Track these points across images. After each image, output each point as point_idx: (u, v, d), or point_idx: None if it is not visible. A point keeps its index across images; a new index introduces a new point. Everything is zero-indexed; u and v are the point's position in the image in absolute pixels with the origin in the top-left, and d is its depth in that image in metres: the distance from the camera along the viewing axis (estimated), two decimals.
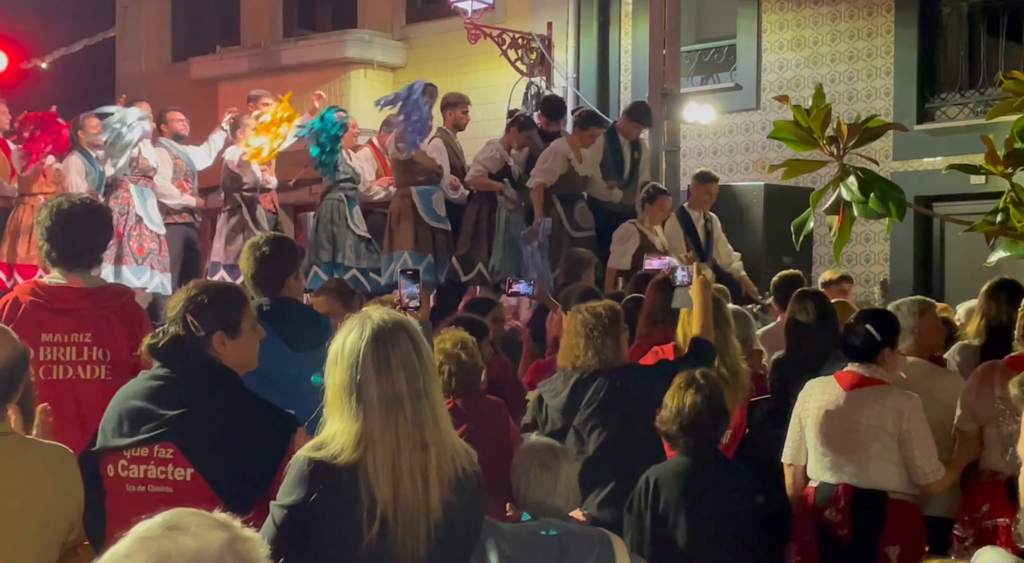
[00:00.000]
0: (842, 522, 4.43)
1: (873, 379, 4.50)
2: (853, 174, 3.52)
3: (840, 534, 4.43)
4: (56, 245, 4.24)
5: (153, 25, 16.16)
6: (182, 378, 3.09)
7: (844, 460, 4.49)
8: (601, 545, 3.35)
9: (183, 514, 1.49)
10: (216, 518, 1.51)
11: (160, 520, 1.47)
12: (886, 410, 4.42)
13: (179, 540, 1.43)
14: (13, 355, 2.93)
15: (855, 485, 4.45)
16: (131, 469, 3.04)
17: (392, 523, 2.59)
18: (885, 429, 4.41)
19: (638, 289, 6.33)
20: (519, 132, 9.22)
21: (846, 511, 4.43)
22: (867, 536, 4.41)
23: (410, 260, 8.88)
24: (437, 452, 2.66)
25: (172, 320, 3.14)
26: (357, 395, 2.63)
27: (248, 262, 4.28)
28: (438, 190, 9.11)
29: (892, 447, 4.41)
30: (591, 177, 9.14)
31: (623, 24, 12.45)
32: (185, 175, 9.79)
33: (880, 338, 4.52)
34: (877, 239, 10.75)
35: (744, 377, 4.97)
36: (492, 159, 9.05)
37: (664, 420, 4.22)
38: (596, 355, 4.65)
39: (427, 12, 13.80)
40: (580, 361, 4.68)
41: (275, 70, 13.77)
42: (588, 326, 4.68)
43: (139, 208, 9.05)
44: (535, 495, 3.74)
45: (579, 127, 9.14)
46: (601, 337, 4.65)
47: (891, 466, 4.43)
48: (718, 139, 11.84)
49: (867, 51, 11.10)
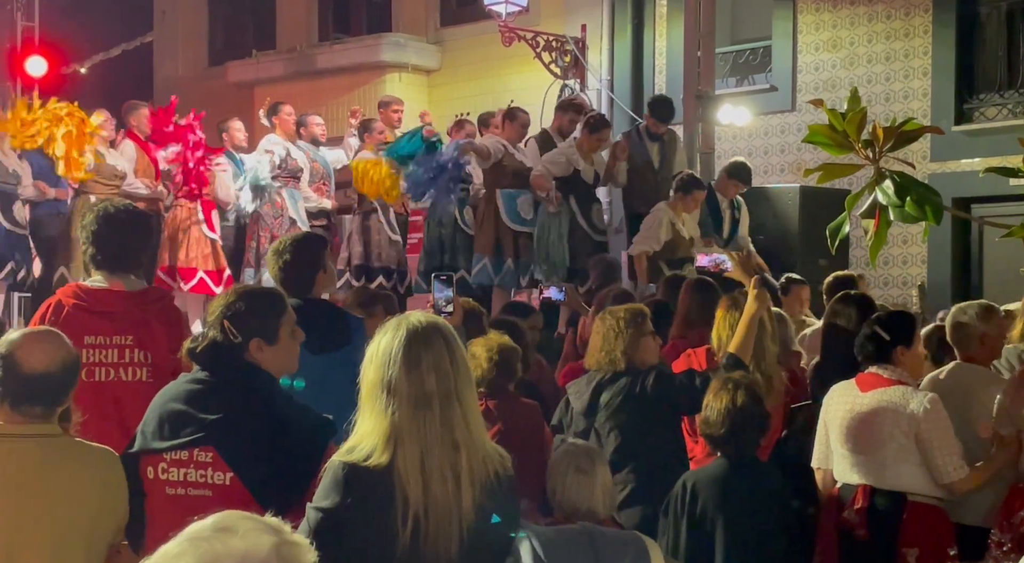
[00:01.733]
0: (860, 523, 4.41)
1: (890, 380, 4.48)
2: (889, 177, 3.50)
3: (858, 534, 4.41)
4: (99, 249, 4.30)
5: (190, 30, 16.30)
6: (221, 382, 3.11)
7: (863, 461, 4.47)
8: (636, 548, 3.34)
9: (234, 516, 1.50)
10: (266, 522, 1.52)
11: (211, 522, 1.49)
12: (901, 410, 4.39)
13: (228, 542, 1.44)
14: (66, 360, 2.98)
15: (873, 486, 4.43)
16: (171, 472, 3.07)
17: (424, 523, 2.60)
18: (901, 430, 4.38)
19: (670, 290, 6.33)
20: (590, 134, 8.91)
21: (863, 512, 4.41)
22: (884, 537, 4.38)
23: (490, 265, 8.89)
24: (468, 453, 2.67)
25: (211, 325, 3.17)
26: (387, 393, 2.66)
27: (274, 265, 4.33)
28: (525, 193, 8.99)
29: (909, 448, 4.38)
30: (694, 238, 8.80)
31: (657, 26, 12.42)
32: (322, 178, 9.96)
33: (890, 338, 4.50)
34: (914, 241, 10.66)
35: (778, 382, 4.95)
36: (556, 163, 8.89)
37: (705, 423, 4.22)
38: (619, 357, 4.70)
39: (461, 15, 13.83)
40: (603, 363, 4.74)
41: (311, 74, 13.87)
42: (612, 328, 4.73)
43: (292, 211, 9.20)
44: (571, 499, 3.75)
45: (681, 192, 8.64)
46: (624, 339, 4.69)
47: (909, 467, 4.40)
48: (753, 141, 11.79)
49: (904, 52, 11.02)
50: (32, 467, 2.87)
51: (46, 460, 2.89)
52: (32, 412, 2.91)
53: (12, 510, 2.82)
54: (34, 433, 2.89)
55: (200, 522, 1.49)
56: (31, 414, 2.91)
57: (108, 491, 2.97)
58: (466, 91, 13.03)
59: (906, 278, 10.69)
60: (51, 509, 2.85)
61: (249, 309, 3.15)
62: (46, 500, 2.85)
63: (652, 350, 4.79)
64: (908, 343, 4.55)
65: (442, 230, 9.33)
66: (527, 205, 8.97)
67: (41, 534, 2.84)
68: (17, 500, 2.83)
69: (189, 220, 9.24)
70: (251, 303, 3.17)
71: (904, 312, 4.99)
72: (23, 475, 2.86)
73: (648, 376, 4.65)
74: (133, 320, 4.24)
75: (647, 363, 4.72)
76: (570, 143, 9.05)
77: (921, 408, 4.37)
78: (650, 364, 4.73)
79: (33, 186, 9.14)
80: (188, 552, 1.44)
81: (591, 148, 8.91)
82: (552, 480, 3.82)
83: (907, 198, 3.42)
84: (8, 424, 2.89)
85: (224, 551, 1.43)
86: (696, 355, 5.15)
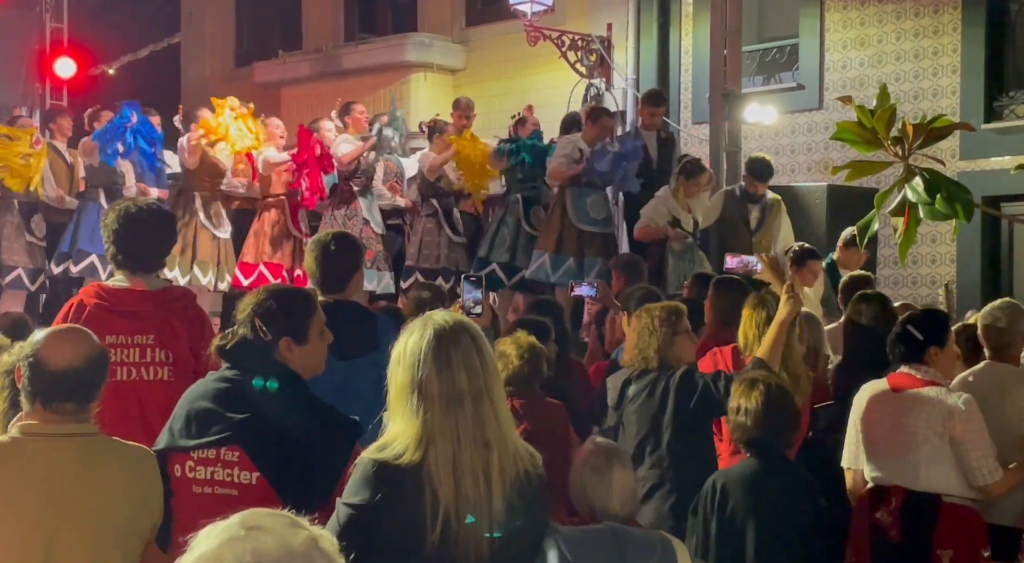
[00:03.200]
0: (893, 524, 4.38)
1: (923, 380, 4.44)
2: (919, 175, 3.47)
3: (891, 536, 4.39)
4: (121, 248, 4.32)
5: (217, 31, 16.38)
6: (248, 382, 3.12)
7: (895, 463, 4.44)
8: (663, 548, 3.32)
9: (258, 514, 1.50)
10: (289, 517, 1.52)
11: (237, 520, 1.48)
12: (935, 411, 4.35)
13: (264, 540, 1.44)
14: (91, 355, 2.98)
15: (906, 487, 4.40)
16: (198, 470, 3.08)
17: (455, 523, 2.59)
18: (935, 431, 4.34)
19: (698, 289, 6.30)
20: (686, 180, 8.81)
21: (897, 513, 4.38)
22: (918, 539, 4.35)
23: (548, 262, 8.87)
24: (499, 451, 2.66)
25: (241, 323, 3.18)
26: (418, 394, 2.65)
27: (312, 259, 4.33)
28: (596, 193, 8.97)
29: (943, 449, 4.34)
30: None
31: (683, 24, 12.38)
32: (396, 177, 10.03)
33: (923, 338, 4.46)
34: (943, 240, 10.57)
35: (805, 382, 4.92)
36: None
37: (734, 424, 4.20)
38: (651, 355, 4.71)
39: (486, 15, 13.83)
40: (635, 360, 4.77)
41: (336, 74, 13.90)
42: (647, 326, 4.75)
43: (365, 211, 9.23)
44: (588, 498, 3.73)
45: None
46: (658, 337, 4.71)
47: (944, 469, 4.36)
48: (780, 139, 11.73)
49: (933, 49, 10.93)
50: (69, 466, 2.89)
51: (83, 459, 2.91)
52: (64, 409, 2.92)
53: (50, 509, 2.84)
54: (70, 432, 2.91)
55: (224, 522, 1.48)
56: (63, 411, 2.92)
57: (144, 490, 2.98)
58: (491, 91, 13.01)
59: (935, 277, 10.60)
60: (88, 508, 2.86)
61: (280, 308, 3.15)
62: (83, 499, 2.87)
63: (687, 349, 4.78)
64: (941, 343, 4.51)
65: (504, 228, 9.32)
66: (598, 204, 8.97)
67: (79, 533, 2.85)
68: (55, 499, 2.85)
69: (278, 219, 9.36)
70: (282, 302, 3.18)
71: (937, 311, 4.95)
72: (60, 474, 2.87)
73: (675, 374, 4.64)
74: (154, 319, 4.26)
75: (682, 361, 4.72)
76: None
77: (956, 410, 4.32)
78: (684, 363, 4.72)
79: (136, 186, 9.25)
80: (228, 553, 1.43)
81: (688, 194, 8.83)
82: (572, 479, 3.82)
83: (937, 196, 3.38)
84: (43, 424, 2.91)
85: (263, 549, 1.42)
86: (722, 354, 5.13)
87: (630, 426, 4.72)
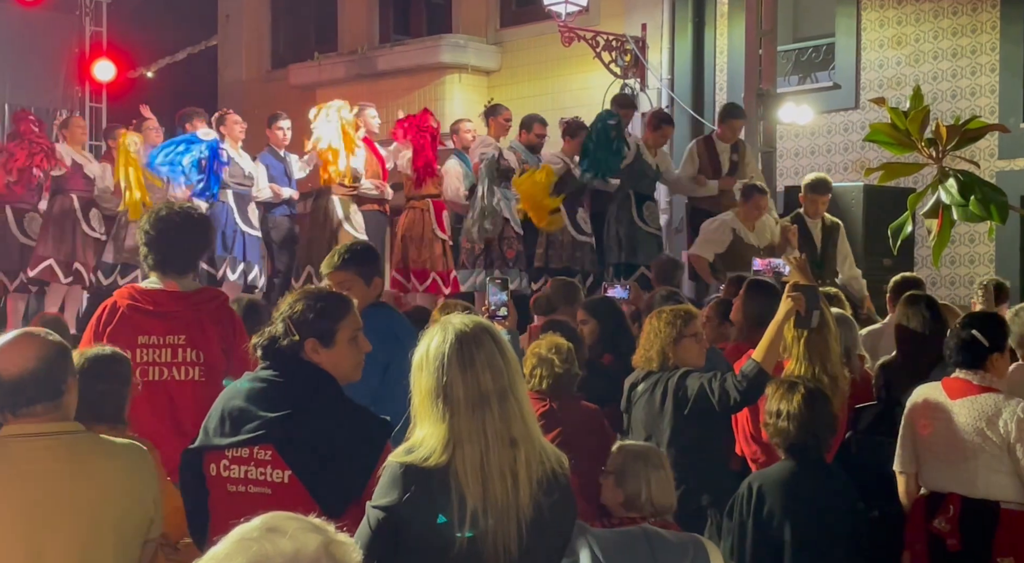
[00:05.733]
0: (952, 532, 4.33)
1: (979, 387, 4.37)
2: (953, 176, 3.45)
3: (950, 544, 4.33)
4: (152, 250, 4.38)
5: (253, 33, 16.49)
6: (284, 381, 3.14)
7: (953, 469, 4.38)
8: (695, 550, 3.33)
9: (280, 517, 1.53)
10: (312, 522, 1.54)
11: (258, 523, 1.51)
12: (995, 418, 4.29)
13: (277, 542, 1.47)
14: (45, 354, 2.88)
15: (964, 495, 4.35)
16: (232, 469, 3.10)
17: (483, 523, 2.61)
18: (994, 438, 4.29)
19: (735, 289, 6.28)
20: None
21: (955, 521, 4.33)
22: (978, 547, 4.30)
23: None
24: (526, 449, 2.68)
25: (274, 321, 3.21)
26: (444, 397, 2.66)
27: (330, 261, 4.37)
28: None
29: (1001, 457, 4.28)
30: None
31: (719, 24, 12.33)
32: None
33: (988, 344, 4.38)
34: (982, 240, 10.47)
35: (843, 383, 4.88)
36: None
37: (774, 428, 4.18)
38: (653, 356, 4.72)
39: (521, 16, 13.84)
40: (640, 361, 4.79)
41: (371, 75, 13.95)
42: (654, 329, 4.76)
43: (506, 211, 9.17)
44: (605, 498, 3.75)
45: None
46: (660, 339, 4.70)
47: (1002, 476, 4.30)
48: (816, 139, 11.66)
49: (971, 48, 10.82)
50: (52, 463, 2.86)
51: (67, 456, 2.88)
52: (34, 412, 2.87)
53: (34, 507, 2.81)
54: (49, 431, 2.87)
55: (248, 523, 1.51)
56: (35, 414, 2.87)
57: (135, 485, 2.96)
58: (526, 92, 13.02)
59: (973, 277, 10.49)
60: (75, 505, 2.84)
61: (309, 309, 3.17)
62: (69, 496, 2.84)
63: (692, 352, 4.73)
64: (1003, 348, 4.45)
65: (620, 227, 9.32)
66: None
67: (66, 530, 2.83)
68: (38, 497, 2.82)
69: (422, 221, 9.34)
70: (312, 303, 3.20)
71: (996, 315, 4.87)
72: (43, 471, 2.83)
73: (673, 376, 4.63)
74: (185, 320, 4.30)
75: (686, 364, 4.68)
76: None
77: (1014, 417, 4.26)
78: (689, 365, 4.68)
79: (268, 188, 9.30)
80: (237, 553, 1.46)
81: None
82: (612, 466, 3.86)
83: (971, 197, 3.36)
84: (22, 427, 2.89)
85: (274, 551, 1.45)
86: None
87: (636, 427, 4.74)
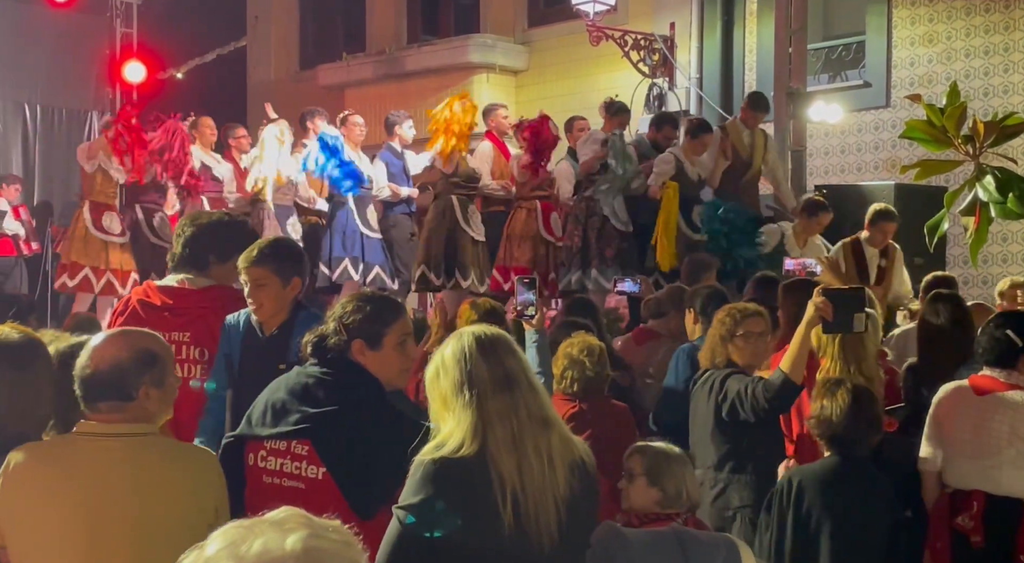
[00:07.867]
0: (975, 529, 4.32)
1: (1007, 384, 4.36)
2: (990, 173, 3.42)
3: (973, 541, 4.33)
4: (177, 250, 4.41)
5: (282, 34, 16.56)
6: (328, 379, 3.16)
7: (976, 466, 4.38)
8: (727, 550, 3.31)
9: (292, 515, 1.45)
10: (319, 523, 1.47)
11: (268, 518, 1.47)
12: (1020, 415, 4.28)
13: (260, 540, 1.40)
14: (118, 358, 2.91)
15: (988, 492, 4.33)
16: (269, 461, 3.12)
17: (523, 499, 2.60)
18: (1019, 435, 4.28)
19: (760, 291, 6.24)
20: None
21: (979, 518, 4.32)
22: (1002, 544, 4.29)
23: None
24: (558, 432, 2.70)
25: (328, 319, 3.24)
26: (468, 383, 2.66)
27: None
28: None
29: None
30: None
31: (747, 23, 12.28)
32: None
33: (1022, 343, 4.36)
34: (1015, 238, 10.37)
35: (879, 385, 4.84)
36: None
37: (817, 423, 4.16)
38: (707, 354, 4.72)
39: (549, 15, 13.83)
40: (704, 359, 4.77)
41: (400, 76, 13.99)
42: (713, 327, 4.75)
43: (608, 211, 9.11)
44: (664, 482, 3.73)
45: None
46: (712, 338, 4.70)
47: None
48: (846, 138, 11.59)
49: (1004, 46, 10.73)
50: (114, 465, 2.87)
51: (130, 458, 2.89)
52: (102, 408, 2.90)
53: (93, 506, 2.82)
54: (119, 432, 2.88)
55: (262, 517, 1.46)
56: (104, 410, 2.89)
57: (199, 491, 2.95)
58: (554, 91, 13.02)
59: (1006, 276, 10.40)
60: (133, 506, 2.85)
61: (359, 310, 3.19)
62: (128, 497, 2.85)
63: (740, 351, 4.70)
64: None
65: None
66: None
67: (122, 531, 2.84)
68: (98, 497, 2.83)
69: (528, 221, 9.33)
70: (364, 305, 3.21)
71: None
72: (104, 472, 2.85)
73: (719, 376, 4.61)
74: (191, 316, 4.30)
75: (740, 363, 4.66)
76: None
77: None
78: (744, 364, 4.66)
79: (387, 187, 9.33)
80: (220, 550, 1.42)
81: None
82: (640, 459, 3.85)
83: (1009, 194, 3.33)
84: (96, 424, 2.91)
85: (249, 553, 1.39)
86: None
87: (692, 422, 4.74)
